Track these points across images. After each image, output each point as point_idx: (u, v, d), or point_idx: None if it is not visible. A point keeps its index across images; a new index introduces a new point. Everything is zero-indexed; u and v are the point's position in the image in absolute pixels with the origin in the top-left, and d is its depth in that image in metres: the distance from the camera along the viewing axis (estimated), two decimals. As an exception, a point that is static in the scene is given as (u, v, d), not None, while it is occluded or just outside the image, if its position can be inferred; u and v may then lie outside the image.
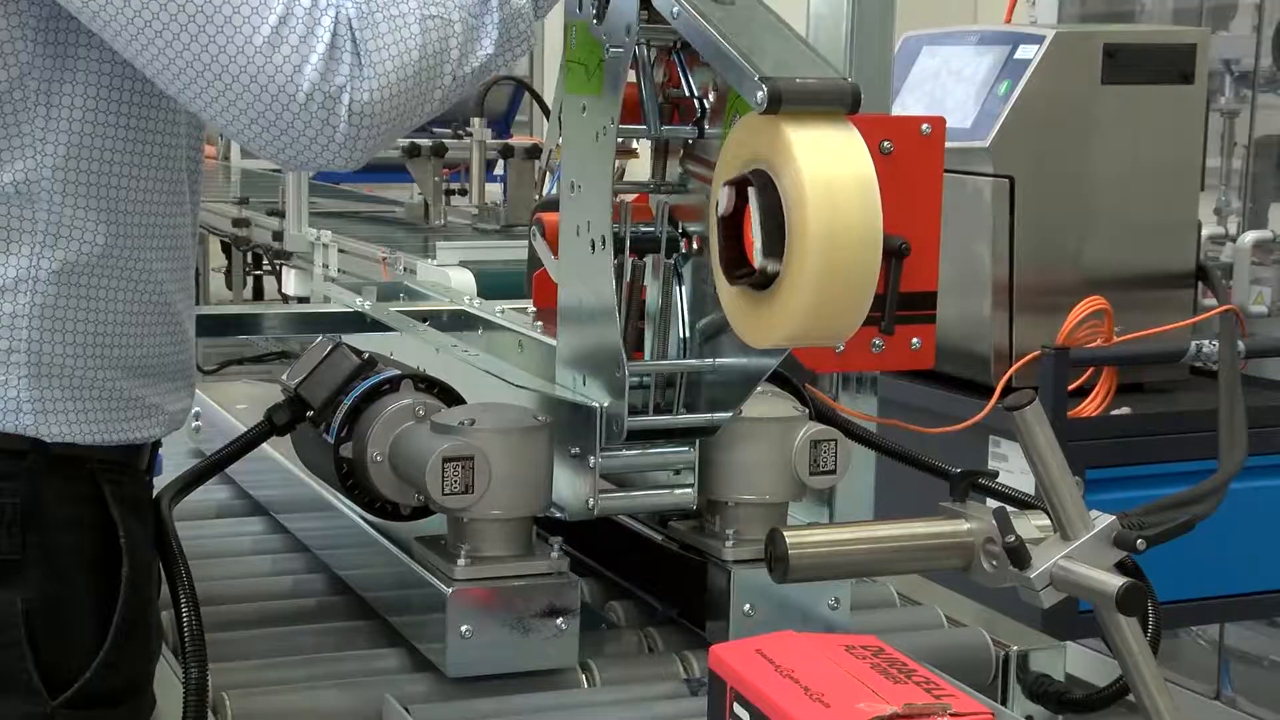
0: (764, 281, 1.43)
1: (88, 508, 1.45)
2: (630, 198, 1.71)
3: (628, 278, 1.69)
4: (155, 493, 1.65)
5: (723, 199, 1.45)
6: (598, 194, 1.64)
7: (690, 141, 1.69)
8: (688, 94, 1.68)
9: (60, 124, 1.40)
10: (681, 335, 1.71)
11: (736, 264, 1.46)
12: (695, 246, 1.69)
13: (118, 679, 1.45)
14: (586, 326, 1.68)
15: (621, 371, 1.61)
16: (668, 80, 1.70)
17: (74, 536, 1.43)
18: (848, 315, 1.43)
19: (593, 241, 1.64)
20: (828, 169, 1.39)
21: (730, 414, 1.65)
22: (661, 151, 1.73)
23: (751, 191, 1.42)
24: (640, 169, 1.80)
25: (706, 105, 1.66)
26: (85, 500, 1.45)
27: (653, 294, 1.73)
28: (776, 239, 1.41)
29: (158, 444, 1.59)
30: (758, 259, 1.43)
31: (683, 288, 1.71)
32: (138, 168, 1.45)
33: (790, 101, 1.40)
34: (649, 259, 1.72)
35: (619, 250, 1.66)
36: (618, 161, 1.66)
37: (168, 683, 1.57)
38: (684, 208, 1.71)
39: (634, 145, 1.78)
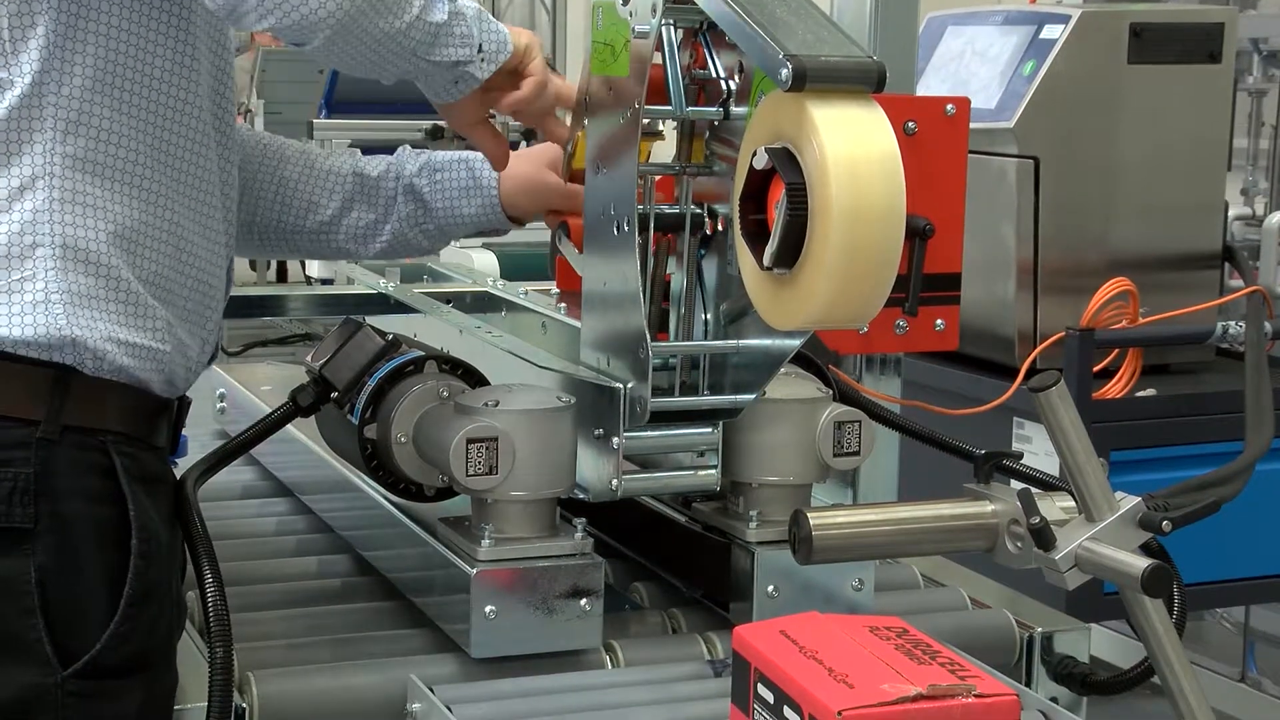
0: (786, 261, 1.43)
1: (99, 479, 1.46)
2: (655, 179, 1.71)
3: (652, 259, 1.69)
4: (181, 474, 1.66)
5: (760, 159, 1.44)
6: (623, 175, 1.64)
7: (716, 122, 1.69)
8: (714, 75, 1.67)
9: (90, 35, 1.45)
10: (706, 317, 1.70)
11: (757, 231, 1.46)
12: (720, 228, 1.68)
13: (128, 651, 1.45)
14: (611, 308, 1.68)
15: (645, 353, 1.61)
16: (694, 61, 1.69)
17: (86, 507, 1.45)
18: (871, 296, 1.43)
19: (618, 223, 1.64)
20: (851, 148, 1.39)
21: (754, 395, 1.65)
22: (687, 133, 1.73)
23: (782, 183, 1.41)
24: (665, 151, 1.80)
25: (732, 86, 1.66)
26: (97, 472, 1.46)
27: (677, 275, 1.73)
28: (791, 249, 1.41)
29: (179, 423, 1.60)
30: (768, 259, 1.43)
31: (707, 269, 1.70)
32: (140, 73, 1.49)
33: (815, 79, 1.40)
34: (673, 239, 1.71)
35: (643, 230, 1.66)
36: (643, 143, 1.66)
37: (193, 662, 1.58)
38: (709, 189, 1.71)
39: (659, 127, 1.78)
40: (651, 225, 1.68)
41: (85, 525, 1.44)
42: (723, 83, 1.67)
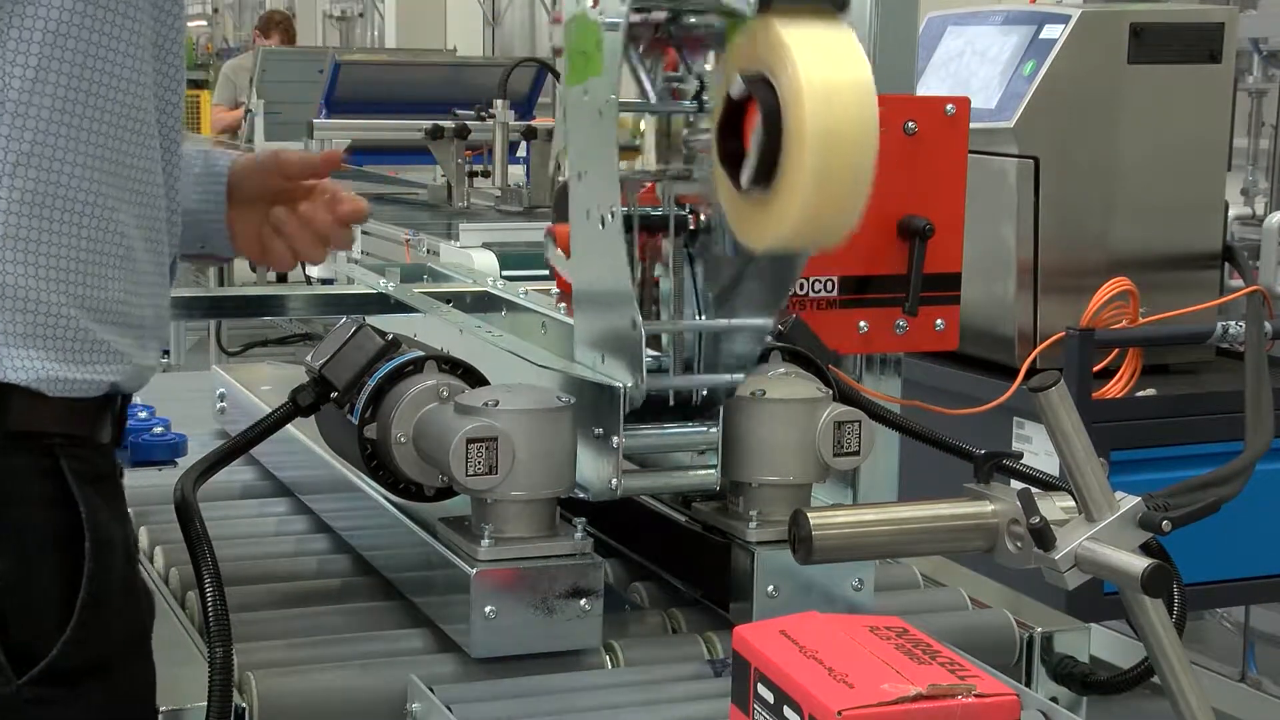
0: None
1: (48, 483, 1.42)
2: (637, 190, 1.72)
3: (639, 262, 1.70)
4: (181, 474, 1.65)
5: (736, 88, 1.47)
6: (604, 173, 1.63)
7: (692, 119, 1.69)
8: (687, 71, 1.68)
9: (19, 55, 1.40)
10: (698, 316, 1.71)
11: (735, 158, 1.49)
12: (704, 220, 1.69)
13: (86, 655, 1.43)
14: (603, 303, 1.68)
15: (638, 332, 1.60)
16: (666, 66, 1.70)
17: (36, 513, 1.42)
18: (843, 217, 1.46)
19: (602, 218, 1.64)
20: (824, 71, 1.41)
21: (745, 374, 1.66)
22: (664, 133, 1.73)
23: (758, 107, 1.44)
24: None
25: (705, 83, 1.66)
26: (45, 476, 1.42)
27: (664, 278, 1.74)
28: (767, 169, 1.43)
29: (123, 417, 1.56)
30: (745, 180, 1.46)
31: (694, 267, 1.71)
32: (98, 97, 1.44)
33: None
34: (661, 243, 1.72)
35: (628, 229, 1.66)
36: (623, 162, 1.66)
37: (193, 662, 1.58)
38: (691, 194, 1.72)
39: (636, 143, 1.79)
40: (636, 225, 1.68)
41: (37, 531, 1.41)
42: (696, 80, 1.67)
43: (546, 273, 2.02)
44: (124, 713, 1.49)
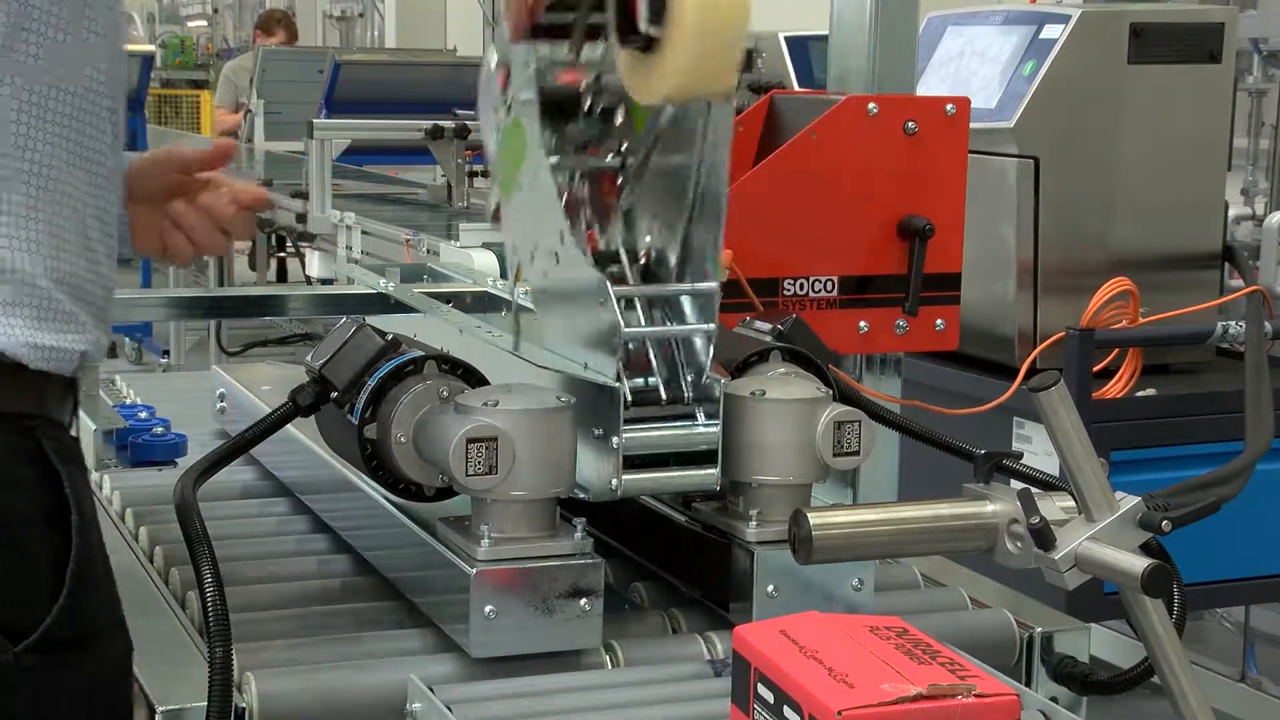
0: (650, 44, 1.58)
1: (32, 464, 1.45)
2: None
3: None
4: (181, 474, 1.66)
5: None
6: (549, 226, 1.68)
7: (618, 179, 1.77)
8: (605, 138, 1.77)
9: None
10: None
11: (628, 29, 1.59)
12: (653, 252, 1.75)
13: (77, 625, 1.45)
14: (570, 299, 1.71)
15: (603, 286, 1.64)
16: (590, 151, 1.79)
17: (24, 493, 1.44)
18: (721, 72, 1.59)
19: (555, 255, 1.69)
20: None
21: (713, 324, 1.71)
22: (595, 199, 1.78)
23: None
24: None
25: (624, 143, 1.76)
26: (28, 457, 1.45)
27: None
28: (660, 6, 1.55)
29: (78, 401, 1.58)
30: (643, 25, 1.56)
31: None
32: (63, 77, 1.46)
33: None
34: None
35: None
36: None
37: (193, 662, 1.58)
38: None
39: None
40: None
41: (28, 511, 1.44)
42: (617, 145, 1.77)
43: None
44: (109, 681, 1.51)
